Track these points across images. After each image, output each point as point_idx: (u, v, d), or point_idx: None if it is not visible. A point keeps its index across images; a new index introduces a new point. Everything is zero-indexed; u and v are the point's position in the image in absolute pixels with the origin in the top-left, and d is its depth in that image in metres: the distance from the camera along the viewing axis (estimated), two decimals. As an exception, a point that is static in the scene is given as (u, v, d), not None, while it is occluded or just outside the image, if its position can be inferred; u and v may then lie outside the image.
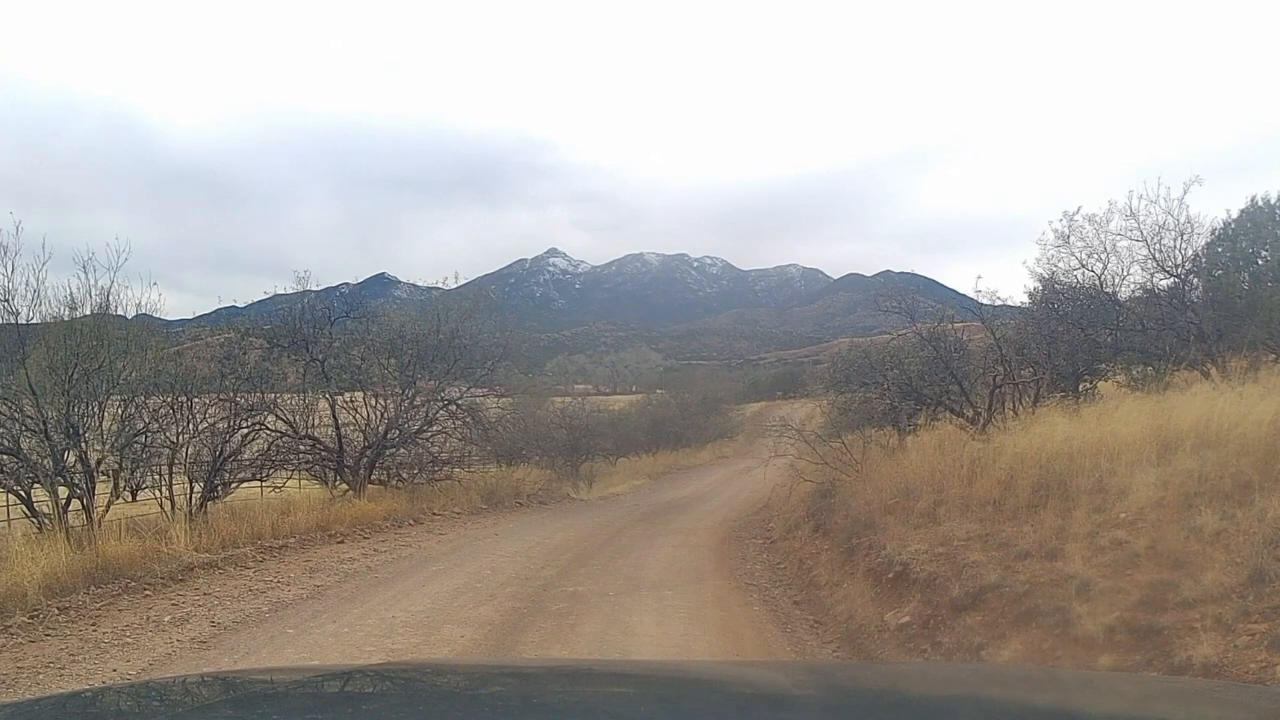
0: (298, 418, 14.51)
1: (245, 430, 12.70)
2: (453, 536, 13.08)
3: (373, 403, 15.85)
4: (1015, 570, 5.79)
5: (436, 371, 16.48)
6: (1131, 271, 11.62)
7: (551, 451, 22.62)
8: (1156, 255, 11.15)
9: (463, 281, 19.99)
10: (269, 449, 13.64)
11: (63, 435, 9.32)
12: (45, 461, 9.26)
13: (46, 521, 9.14)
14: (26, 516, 9.36)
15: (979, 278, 18.18)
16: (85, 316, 9.79)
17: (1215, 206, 22.09)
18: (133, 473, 10.31)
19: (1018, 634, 5.17)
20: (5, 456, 9.23)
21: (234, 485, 12.41)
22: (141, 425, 10.47)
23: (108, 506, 9.82)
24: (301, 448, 14.63)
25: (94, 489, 9.72)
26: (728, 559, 11.47)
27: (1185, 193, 10.84)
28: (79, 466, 9.56)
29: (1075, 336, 11.59)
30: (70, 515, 9.47)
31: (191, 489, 11.45)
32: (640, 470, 28.36)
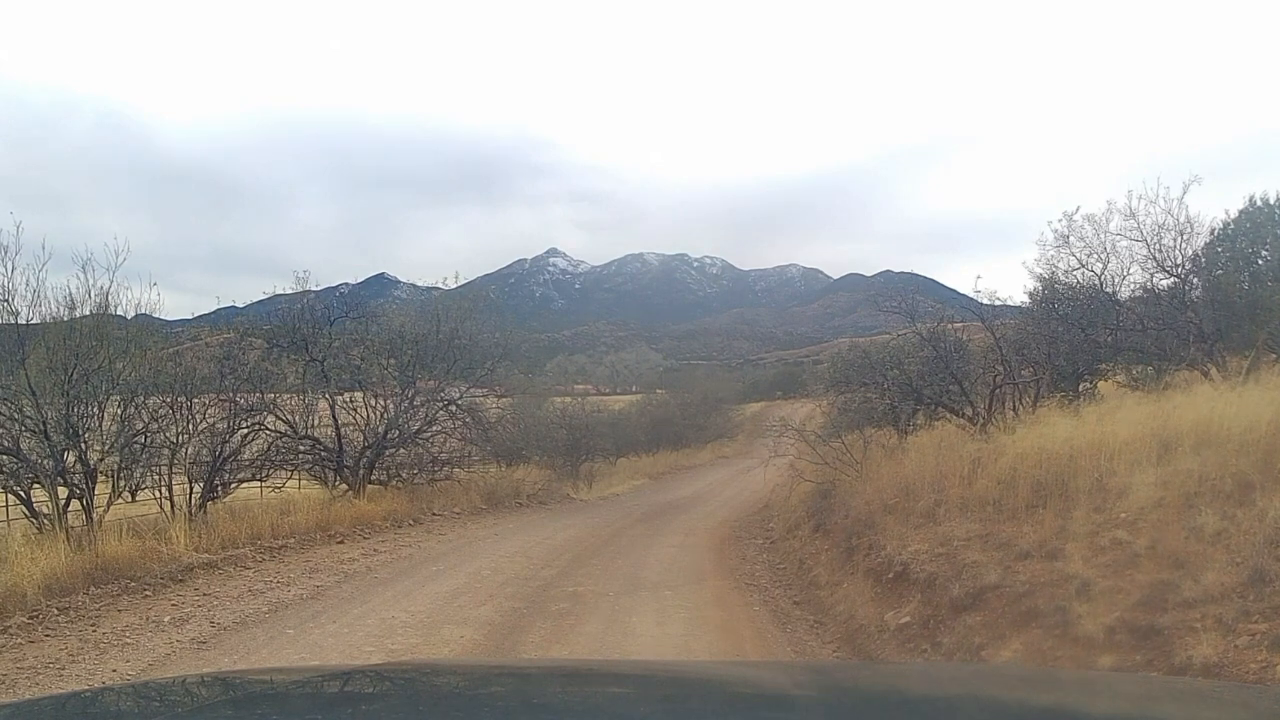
0: (297, 418, 14.51)
1: (245, 430, 12.69)
2: (452, 536, 13.08)
3: (372, 403, 15.85)
4: (1015, 570, 5.79)
5: (436, 372, 16.47)
6: (1131, 271, 11.61)
7: (551, 451, 22.63)
8: (1156, 255, 11.14)
9: (462, 281, 20.00)
10: (269, 449, 13.63)
11: (63, 435, 9.31)
12: (45, 462, 9.25)
13: (46, 522, 9.14)
14: (26, 517, 9.36)
15: (979, 278, 18.20)
16: (85, 317, 9.78)
17: (1215, 206, 22.09)
18: (132, 473, 10.31)
19: (1018, 634, 5.17)
20: (5, 456, 9.22)
21: (234, 485, 12.41)
22: (141, 425, 10.46)
23: (107, 507, 9.82)
24: (301, 448, 14.63)
25: (94, 489, 9.72)
26: (728, 559, 11.47)
27: (1185, 192, 10.83)
28: (79, 467, 9.56)
29: (1075, 336, 11.58)
30: (70, 515, 9.47)
31: (191, 489, 11.45)
32: (640, 470, 28.36)
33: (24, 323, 9.39)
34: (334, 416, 15.06)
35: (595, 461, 24.56)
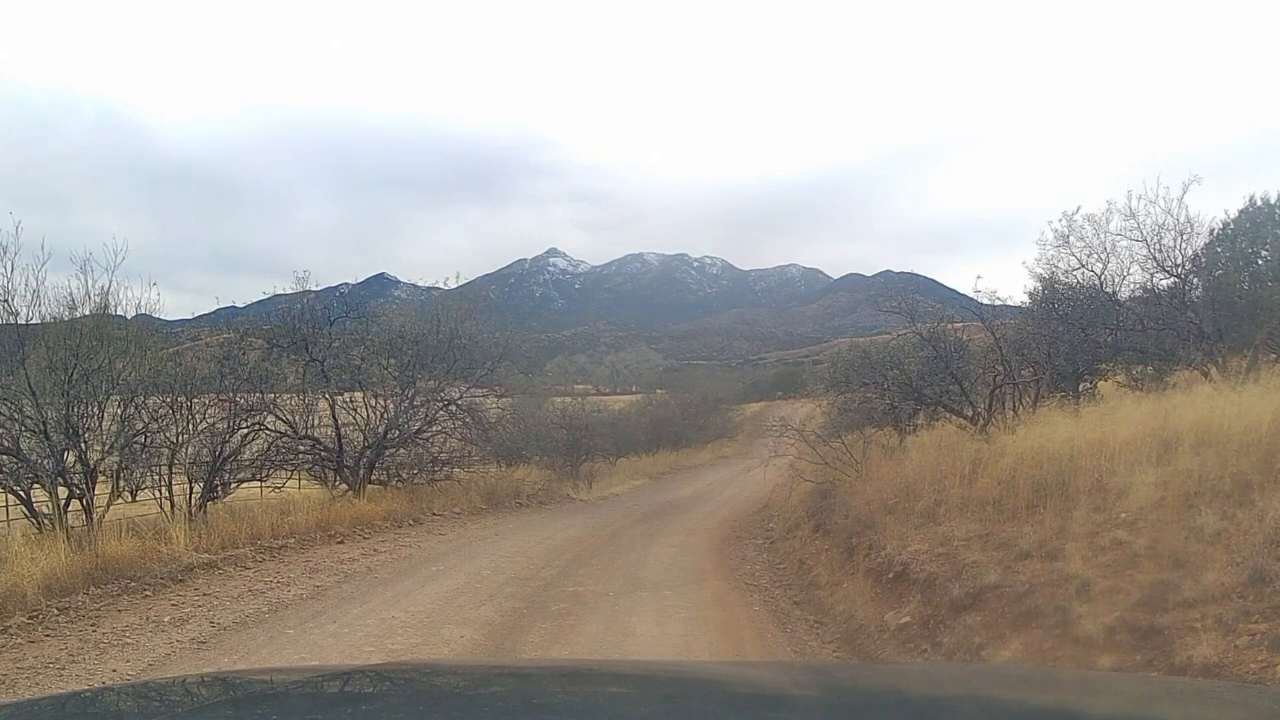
0: (297, 418, 14.51)
1: (245, 430, 12.69)
2: (452, 536, 13.08)
3: (372, 403, 15.86)
4: (1015, 570, 5.79)
5: (436, 372, 16.47)
6: (1131, 271, 11.60)
7: (551, 451, 22.61)
8: (1156, 255, 11.13)
9: (463, 281, 20.00)
10: (269, 449, 13.63)
11: (63, 435, 9.32)
12: (45, 462, 9.26)
13: (46, 522, 9.14)
14: (26, 517, 9.35)
15: (979, 278, 18.20)
16: (85, 317, 9.79)
17: (1215, 206, 22.08)
18: (132, 473, 10.31)
19: (1018, 634, 5.18)
20: (5, 456, 9.22)
21: (234, 485, 12.41)
22: (141, 425, 10.47)
23: (107, 507, 9.82)
24: (301, 448, 14.63)
25: (94, 489, 9.72)
26: (728, 559, 11.47)
27: (1184, 192, 10.82)
28: (79, 467, 9.56)
29: (1075, 336, 11.58)
30: (70, 515, 9.47)
31: (191, 489, 11.45)
32: (640, 470, 28.35)
33: (24, 323, 9.39)
34: (334, 416, 15.06)
35: (595, 461, 24.55)
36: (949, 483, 8.15)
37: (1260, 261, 11.61)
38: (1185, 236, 11.02)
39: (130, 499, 10.46)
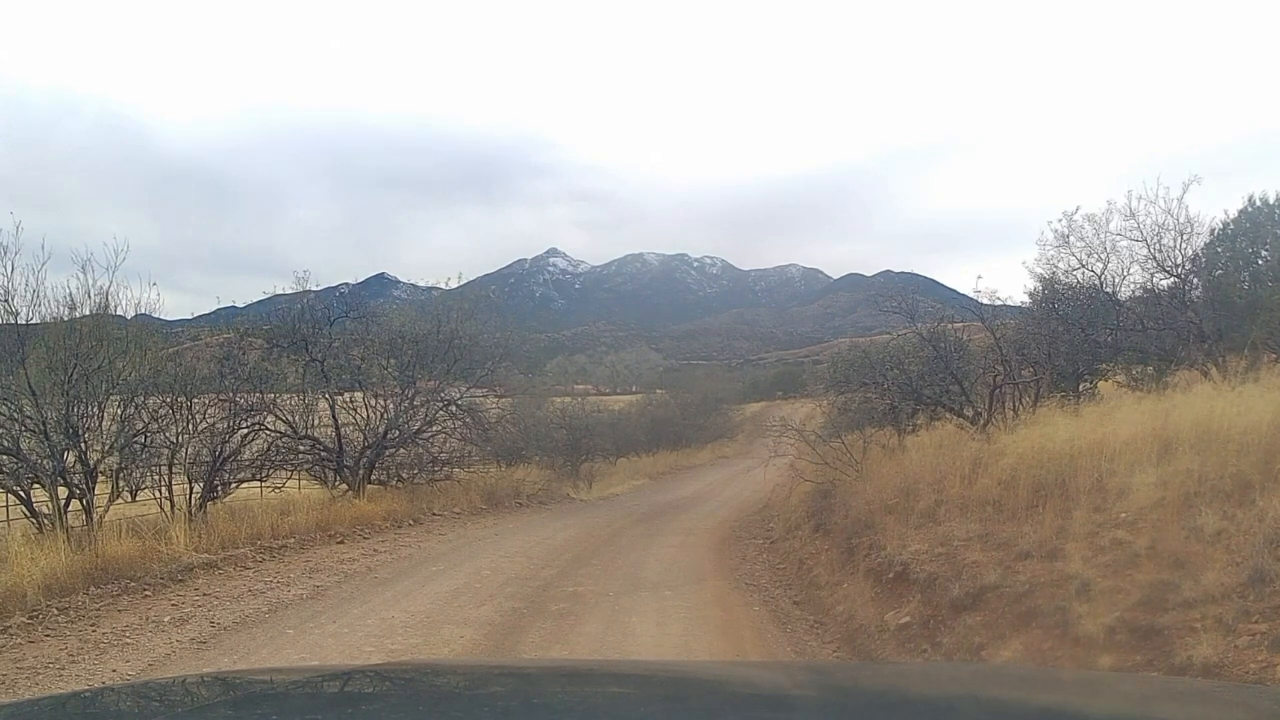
0: (297, 418, 14.51)
1: (245, 430, 12.69)
2: (452, 536, 13.08)
3: (372, 403, 15.86)
4: (1015, 570, 5.79)
5: (436, 372, 16.48)
6: (1131, 271, 11.63)
7: (551, 451, 22.61)
8: (1156, 255, 11.14)
9: (463, 281, 19.98)
10: (269, 449, 13.63)
11: (63, 435, 9.31)
12: (45, 462, 9.26)
13: (46, 522, 9.14)
14: (26, 517, 9.35)
15: (979, 278, 18.24)
16: (84, 317, 9.78)
17: (1215, 206, 22.09)
18: (132, 473, 10.31)
19: (1018, 634, 5.17)
20: (5, 456, 9.22)
21: (234, 485, 12.41)
22: (141, 425, 10.47)
23: (107, 507, 9.82)
24: (301, 448, 14.63)
25: (94, 489, 9.72)
26: (728, 559, 11.47)
27: (1184, 192, 10.84)
28: (79, 467, 9.56)
29: (1075, 336, 11.59)
30: (70, 515, 9.47)
31: (191, 489, 11.45)
32: (640, 470, 28.34)
33: (24, 323, 9.39)
34: (334, 416, 15.06)
35: (595, 461, 24.54)
36: (949, 483, 8.15)
37: (1260, 261, 11.62)
38: (1185, 236, 11.04)
39: (130, 499, 10.46)
